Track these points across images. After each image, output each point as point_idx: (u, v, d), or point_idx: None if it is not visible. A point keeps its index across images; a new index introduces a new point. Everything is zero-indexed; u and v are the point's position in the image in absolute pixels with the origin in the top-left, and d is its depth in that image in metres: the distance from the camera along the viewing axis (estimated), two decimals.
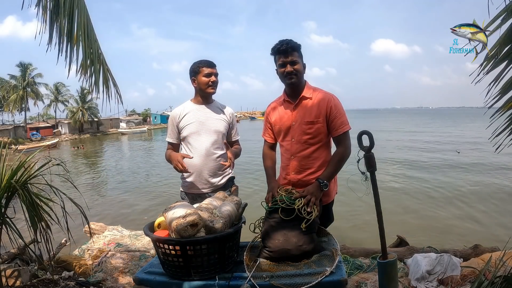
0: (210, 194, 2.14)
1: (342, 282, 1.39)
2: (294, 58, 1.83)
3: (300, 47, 1.86)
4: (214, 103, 2.26)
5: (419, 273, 2.32)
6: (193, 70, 2.15)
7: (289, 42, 1.83)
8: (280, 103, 2.00)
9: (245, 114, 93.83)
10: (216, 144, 2.17)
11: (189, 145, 2.17)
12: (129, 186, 10.42)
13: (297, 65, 1.84)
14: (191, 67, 2.17)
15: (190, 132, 2.16)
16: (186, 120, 2.17)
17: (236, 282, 1.44)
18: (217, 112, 2.22)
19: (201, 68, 2.13)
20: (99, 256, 3.07)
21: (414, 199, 7.45)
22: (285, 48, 1.82)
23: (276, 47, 1.85)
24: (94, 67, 2.08)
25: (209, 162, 2.15)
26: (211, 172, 2.17)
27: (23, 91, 36.32)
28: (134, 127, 49.96)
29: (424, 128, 35.15)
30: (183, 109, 2.20)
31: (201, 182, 2.17)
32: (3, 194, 2.00)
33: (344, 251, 3.05)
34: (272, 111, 2.05)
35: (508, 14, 1.31)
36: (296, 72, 1.84)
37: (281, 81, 1.93)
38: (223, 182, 2.22)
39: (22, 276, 2.44)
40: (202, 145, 2.14)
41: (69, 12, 1.94)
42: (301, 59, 1.88)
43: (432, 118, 65.45)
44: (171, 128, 2.23)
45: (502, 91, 1.46)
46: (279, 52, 1.84)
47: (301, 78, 1.89)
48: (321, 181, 1.74)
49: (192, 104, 2.22)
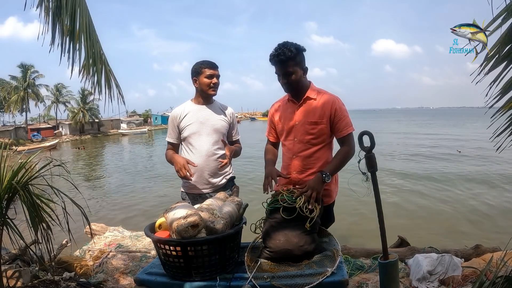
0: (211, 194, 2.14)
1: (343, 283, 1.39)
2: (288, 69, 1.79)
3: (297, 54, 1.78)
4: (215, 103, 2.26)
5: (420, 274, 2.32)
6: (195, 71, 2.14)
7: (284, 52, 1.76)
8: (284, 103, 2.02)
9: (246, 114, 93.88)
10: (217, 145, 2.17)
11: (190, 146, 2.17)
12: (130, 187, 10.43)
13: (292, 76, 1.81)
14: (193, 67, 2.17)
15: (191, 133, 2.15)
16: (186, 121, 2.16)
17: (237, 283, 1.43)
18: (217, 112, 2.22)
19: (203, 69, 2.12)
20: (100, 257, 3.07)
21: (415, 198, 7.45)
22: (278, 59, 1.78)
23: (271, 55, 1.82)
24: (97, 68, 2.08)
25: (210, 163, 2.15)
26: (212, 172, 2.16)
27: (24, 92, 36.39)
28: (135, 128, 49.98)
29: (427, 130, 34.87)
30: (183, 109, 2.20)
31: (202, 182, 2.17)
32: (4, 195, 2.00)
33: (345, 251, 3.05)
34: (276, 111, 2.06)
35: (508, 13, 1.31)
36: (292, 82, 1.83)
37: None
38: (224, 182, 2.22)
39: (23, 277, 2.45)
40: (202, 146, 2.14)
41: (71, 12, 1.94)
42: (299, 65, 1.82)
43: (432, 118, 65.21)
44: (171, 128, 2.23)
45: (502, 91, 1.46)
46: (273, 62, 1.84)
47: (299, 83, 1.87)
48: (324, 172, 1.72)
49: (193, 104, 2.21)
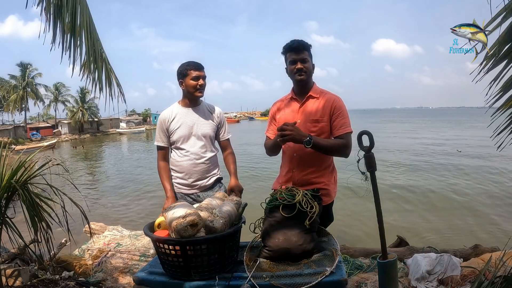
0: (199, 194, 2.20)
1: (342, 282, 1.39)
2: (304, 56, 1.88)
3: (310, 47, 1.93)
4: (202, 105, 2.24)
5: (419, 273, 2.32)
6: (181, 73, 2.12)
7: (300, 41, 1.89)
8: (287, 101, 2.04)
9: (245, 114, 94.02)
10: (204, 148, 2.19)
11: (178, 149, 2.19)
12: (129, 186, 10.41)
13: (307, 63, 1.89)
14: (178, 68, 2.14)
15: (179, 137, 2.16)
16: (175, 124, 2.16)
17: (236, 282, 1.43)
18: (205, 115, 2.22)
19: (188, 71, 2.09)
20: (99, 256, 3.06)
21: (414, 199, 7.45)
22: (296, 45, 1.87)
23: (287, 44, 1.91)
24: (97, 66, 2.08)
25: (199, 165, 2.18)
26: (200, 174, 2.20)
27: (23, 91, 36.35)
28: (134, 127, 49.97)
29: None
30: (171, 112, 2.19)
31: (190, 183, 2.20)
32: (3, 194, 2.00)
33: (344, 251, 3.05)
34: (278, 109, 2.08)
35: (508, 12, 1.31)
36: (306, 70, 1.89)
37: (290, 78, 1.97)
38: (211, 183, 2.25)
39: (22, 276, 2.44)
40: (190, 149, 2.16)
41: (72, 10, 1.94)
42: (311, 59, 1.93)
43: (433, 119, 65.15)
44: (160, 131, 2.20)
45: (502, 90, 1.46)
46: (290, 49, 1.89)
47: (310, 76, 1.93)
48: (311, 138, 1.72)
49: (180, 107, 2.21)
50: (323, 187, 1.87)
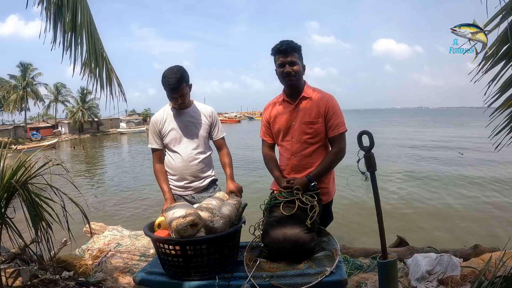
0: (193, 196, 2.20)
1: (342, 282, 1.40)
2: (293, 58, 1.83)
3: (300, 49, 1.87)
4: (193, 106, 2.22)
5: (419, 273, 2.32)
6: (163, 85, 2.04)
7: (289, 42, 1.84)
8: (279, 103, 2.00)
9: (245, 114, 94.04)
10: (197, 149, 2.18)
11: (171, 151, 2.19)
12: (129, 186, 10.42)
13: (296, 66, 1.84)
14: (161, 79, 2.03)
15: (171, 139, 2.15)
16: (167, 127, 2.15)
17: (236, 282, 1.44)
18: (196, 116, 2.19)
19: (165, 88, 2.03)
20: (99, 256, 3.06)
21: (415, 199, 7.45)
22: (284, 48, 1.82)
23: (276, 46, 1.85)
24: (98, 64, 2.08)
25: (191, 167, 2.17)
26: (193, 175, 2.19)
27: (23, 91, 36.34)
28: (134, 127, 49.93)
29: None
30: (163, 114, 2.18)
31: (184, 185, 2.20)
32: (3, 194, 2.00)
33: (344, 251, 3.05)
34: (270, 112, 2.04)
35: (507, 12, 1.31)
36: (295, 73, 1.84)
37: (280, 81, 1.93)
38: (205, 184, 2.24)
39: (22, 276, 2.44)
40: (183, 151, 2.15)
41: (72, 10, 1.94)
42: (301, 61, 1.88)
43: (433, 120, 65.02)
44: (153, 134, 2.19)
45: (501, 90, 1.46)
46: (278, 51, 1.85)
47: (300, 79, 1.89)
48: (311, 179, 1.74)
49: (171, 109, 2.18)
50: (322, 186, 1.87)
